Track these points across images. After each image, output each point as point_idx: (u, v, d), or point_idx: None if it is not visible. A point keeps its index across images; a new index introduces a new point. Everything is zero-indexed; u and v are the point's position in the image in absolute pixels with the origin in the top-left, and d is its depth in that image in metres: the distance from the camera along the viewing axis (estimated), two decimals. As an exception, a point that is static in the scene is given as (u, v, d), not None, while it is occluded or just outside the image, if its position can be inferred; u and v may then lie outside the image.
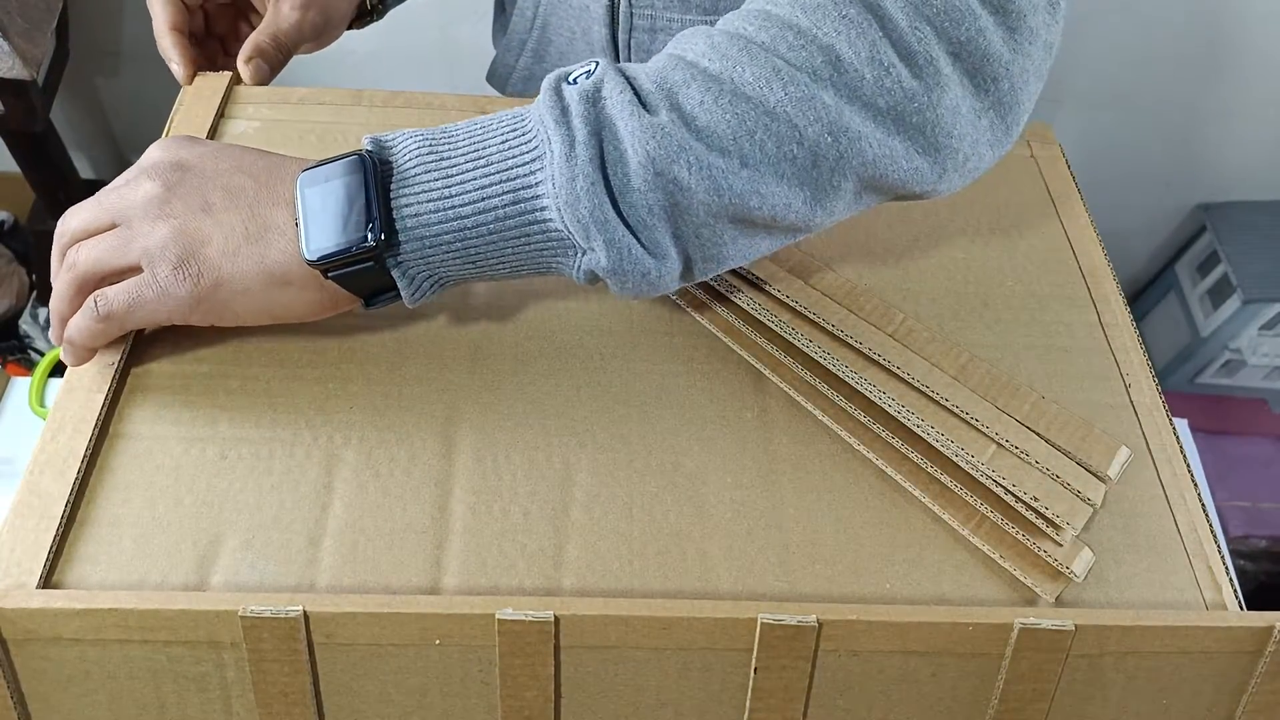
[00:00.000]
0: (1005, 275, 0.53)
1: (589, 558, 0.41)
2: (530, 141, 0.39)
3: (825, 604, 0.38)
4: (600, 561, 0.41)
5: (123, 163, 1.70)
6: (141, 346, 0.46)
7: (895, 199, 0.44)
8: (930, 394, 0.44)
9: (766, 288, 0.48)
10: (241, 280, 0.41)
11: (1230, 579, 0.43)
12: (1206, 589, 0.42)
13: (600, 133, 0.38)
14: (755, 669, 0.38)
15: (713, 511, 0.43)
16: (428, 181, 0.39)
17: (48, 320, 1.61)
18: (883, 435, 0.45)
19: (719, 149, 0.38)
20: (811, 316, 0.46)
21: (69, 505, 0.40)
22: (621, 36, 0.66)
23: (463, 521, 0.42)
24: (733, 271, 0.48)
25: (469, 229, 0.39)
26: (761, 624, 0.37)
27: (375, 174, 0.40)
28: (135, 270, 0.41)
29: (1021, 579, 0.41)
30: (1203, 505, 0.45)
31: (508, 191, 0.39)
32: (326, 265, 0.40)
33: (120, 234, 0.42)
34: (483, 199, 0.39)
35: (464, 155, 0.39)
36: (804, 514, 0.43)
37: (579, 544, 0.41)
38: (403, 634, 0.37)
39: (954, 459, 0.43)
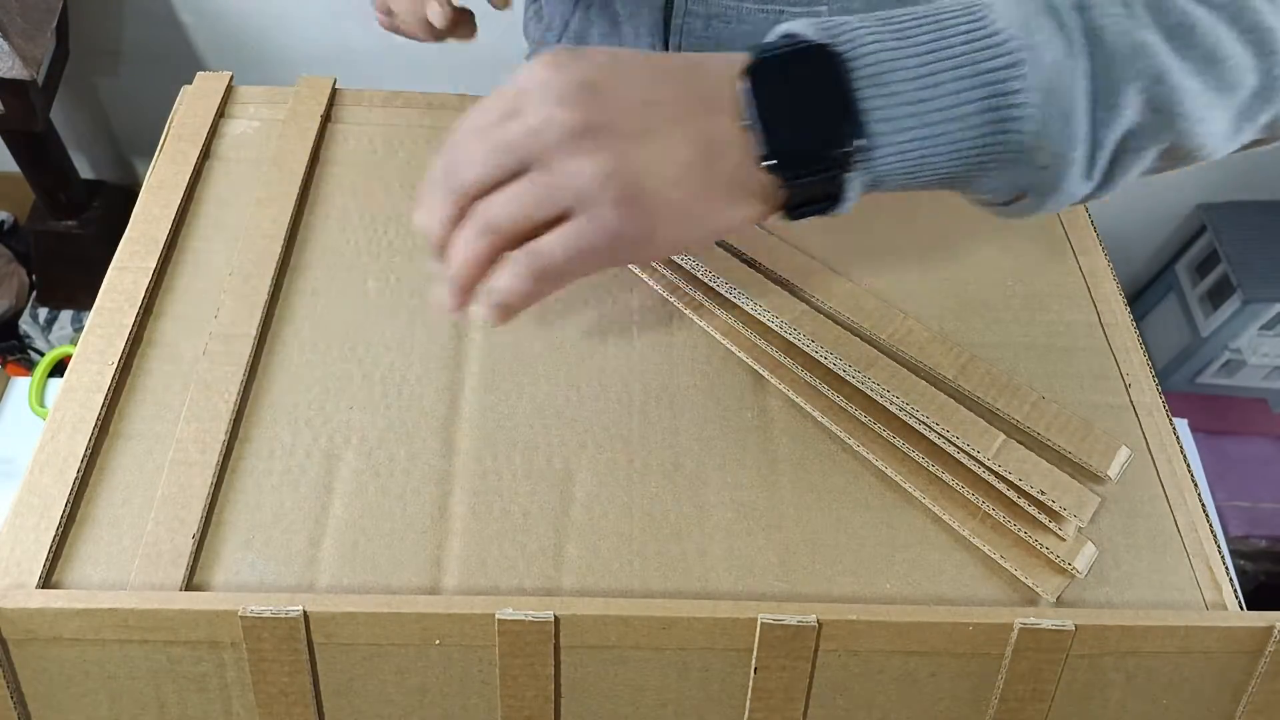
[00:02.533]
0: (1005, 275, 0.53)
1: (589, 558, 0.41)
2: (1004, 45, 0.35)
3: (825, 604, 0.38)
4: (600, 561, 0.41)
5: (123, 163, 1.70)
6: (141, 346, 0.46)
7: (1271, 140, 0.43)
8: (931, 393, 0.44)
9: (768, 291, 0.48)
10: (694, 205, 0.36)
11: (1230, 579, 0.43)
12: (1206, 589, 0.42)
13: (1088, 42, 0.36)
14: (755, 669, 0.38)
15: (713, 511, 0.43)
16: (899, 83, 0.35)
17: (48, 320, 1.61)
18: (884, 435, 0.45)
19: (1193, 72, 0.37)
20: (812, 317, 0.46)
21: (69, 505, 0.40)
22: (675, 21, 0.65)
23: (463, 521, 0.41)
24: (732, 274, 0.48)
25: (936, 135, 0.36)
26: (761, 624, 0.37)
27: (849, 71, 0.35)
28: (560, 216, 0.36)
29: (1022, 579, 0.41)
30: (1203, 505, 0.45)
31: (982, 98, 0.35)
32: (790, 175, 0.35)
33: (539, 180, 0.35)
34: (955, 104, 0.35)
35: (928, 53, 0.36)
36: (804, 514, 0.43)
37: (579, 544, 0.41)
38: (403, 634, 0.37)
39: (958, 456, 0.43)
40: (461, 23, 0.55)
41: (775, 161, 0.35)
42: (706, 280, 0.50)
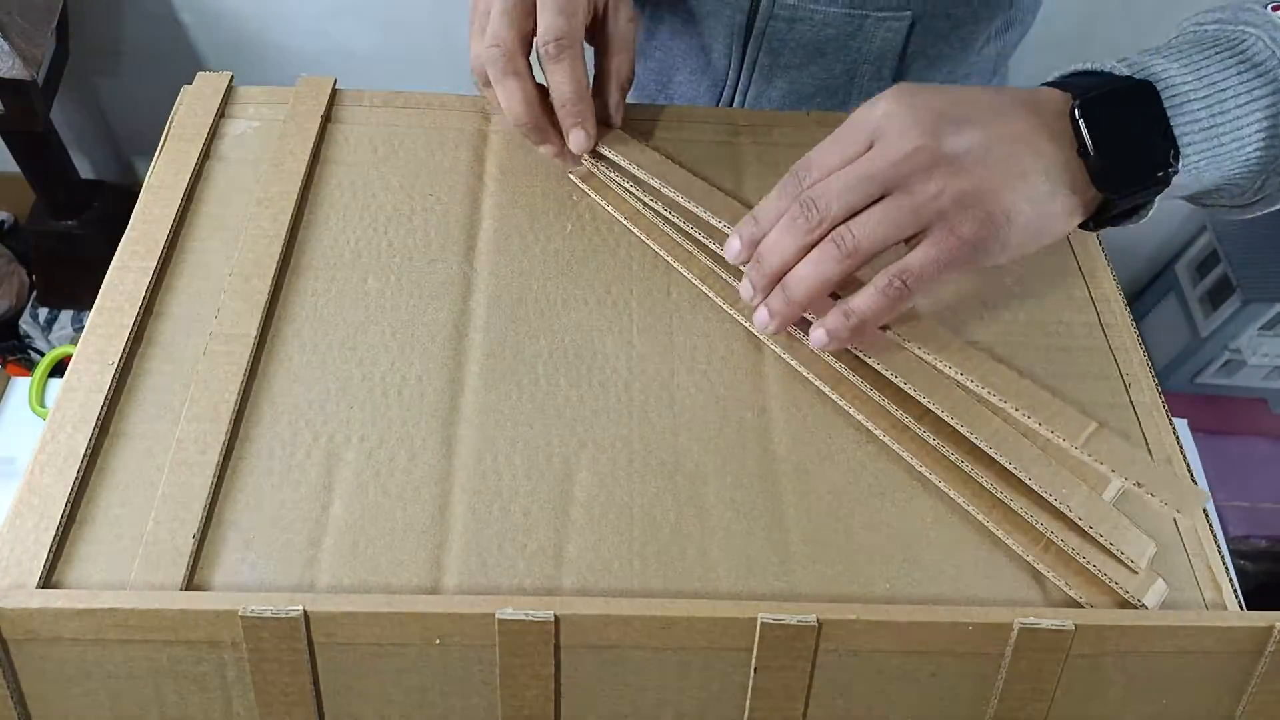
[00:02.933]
0: (1005, 275, 0.53)
1: (589, 558, 0.41)
2: (1269, 74, 0.42)
3: (825, 604, 0.38)
4: (600, 561, 0.41)
5: (123, 163, 1.70)
6: (141, 346, 0.46)
7: None
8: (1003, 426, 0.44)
9: None
10: (1041, 219, 0.42)
11: (1230, 579, 0.43)
12: (1206, 589, 0.42)
13: None
14: (755, 669, 0.38)
15: (713, 511, 0.43)
16: (1195, 110, 0.42)
17: (48, 320, 1.61)
18: (935, 445, 0.45)
19: None
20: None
21: (69, 505, 0.40)
22: (758, 25, 0.66)
23: (463, 521, 0.42)
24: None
25: (1222, 154, 0.42)
26: (761, 624, 0.37)
27: (1159, 102, 0.41)
28: (916, 237, 0.42)
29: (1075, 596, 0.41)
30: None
31: (1257, 120, 0.42)
32: (1122, 190, 0.42)
33: (900, 203, 0.41)
34: (1239, 128, 0.42)
35: (1214, 85, 0.42)
36: (804, 514, 0.43)
37: (579, 544, 0.41)
38: (403, 634, 0.37)
39: (1042, 493, 0.42)
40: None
41: (1109, 184, 0.42)
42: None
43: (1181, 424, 1.07)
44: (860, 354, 0.46)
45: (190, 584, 0.39)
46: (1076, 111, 0.41)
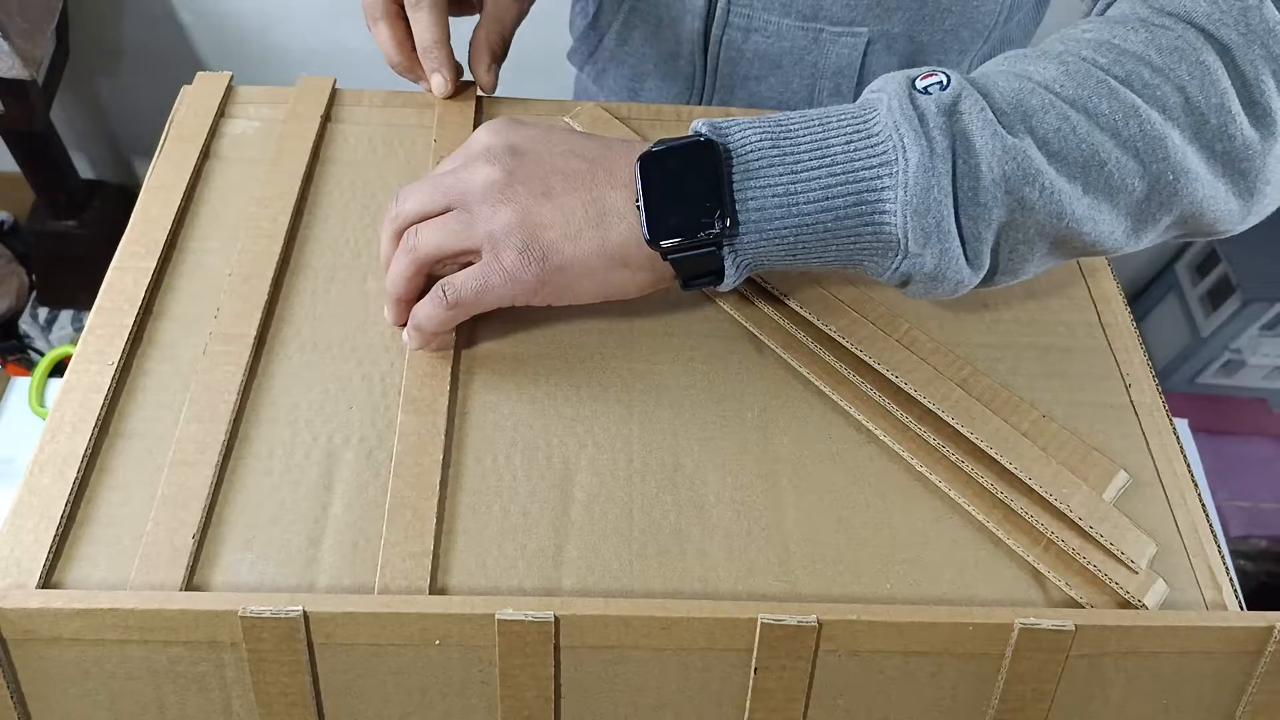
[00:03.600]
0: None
1: (589, 558, 0.41)
2: (878, 146, 0.39)
3: (825, 604, 0.38)
4: (600, 561, 0.41)
5: (123, 163, 1.70)
6: (141, 346, 0.46)
7: (1192, 236, 0.45)
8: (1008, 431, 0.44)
9: (787, 300, 0.48)
10: (584, 263, 0.42)
11: (1230, 579, 0.43)
12: (1206, 589, 0.42)
13: (954, 146, 0.39)
14: (755, 669, 0.38)
15: (713, 511, 0.43)
16: (773, 176, 0.40)
17: (48, 320, 1.61)
18: (928, 439, 0.45)
19: (1067, 175, 0.40)
20: (832, 333, 0.47)
21: (69, 505, 0.40)
22: (715, 32, 0.67)
23: (463, 521, 0.42)
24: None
25: (807, 225, 0.40)
26: (761, 624, 0.37)
27: (725, 162, 0.40)
28: (474, 253, 0.43)
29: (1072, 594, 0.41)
30: (1203, 505, 0.45)
31: (852, 193, 0.39)
32: (668, 248, 0.41)
33: (460, 217, 0.43)
34: (826, 198, 0.40)
35: (807, 152, 0.40)
36: (804, 514, 0.43)
37: (579, 544, 0.41)
38: (403, 634, 0.37)
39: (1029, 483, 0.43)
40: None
41: (654, 238, 0.41)
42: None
43: (1181, 424, 1.07)
44: (860, 354, 0.46)
45: (190, 584, 0.39)
46: (637, 162, 0.41)
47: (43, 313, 1.61)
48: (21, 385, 0.96)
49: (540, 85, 0.81)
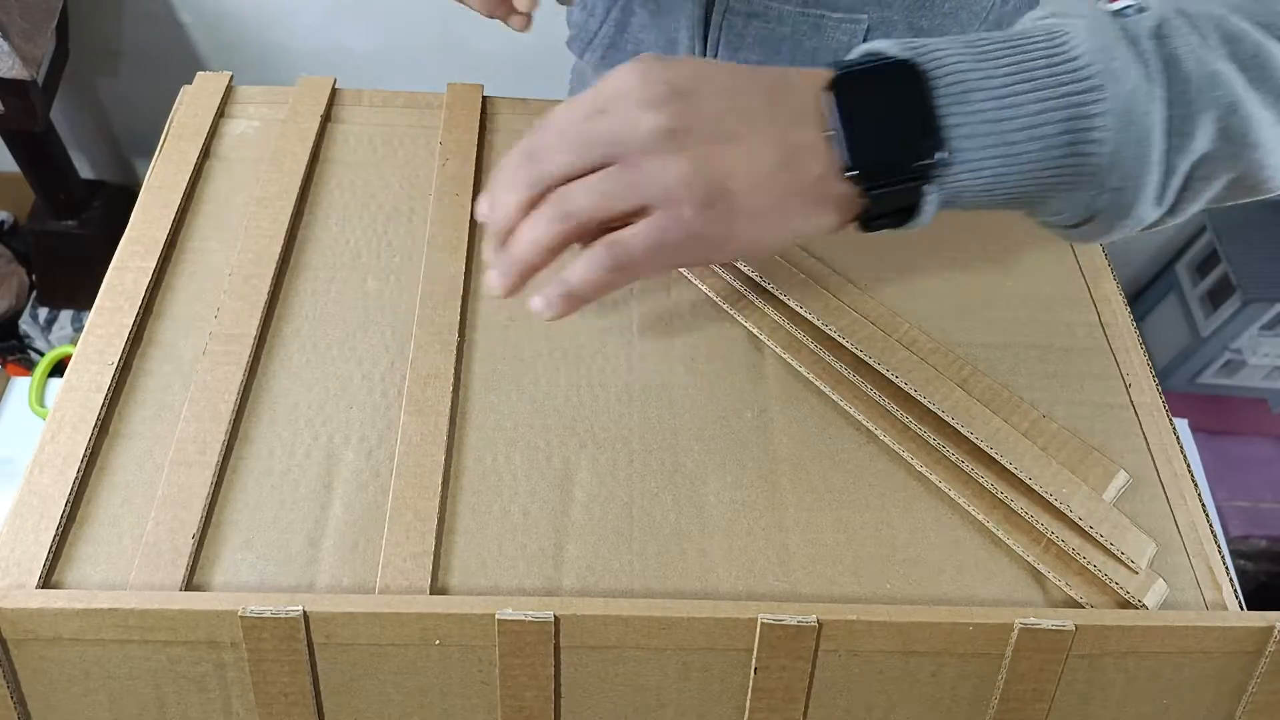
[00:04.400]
0: (1005, 275, 0.53)
1: (589, 558, 0.41)
2: (1083, 70, 0.36)
3: (825, 604, 0.38)
4: (600, 561, 0.41)
5: (123, 163, 1.70)
6: (141, 346, 0.46)
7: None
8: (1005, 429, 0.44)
9: (786, 300, 0.48)
10: (776, 211, 0.37)
11: (1230, 579, 0.43)
12: (1206, 589, 0.42)
13: (1166, 70, 0.37)
14: (755, 669, 0.38)
15: (713, 511, 0.43)
16: (979, 101, 0.36)
17: (48, 320, 1.61)
18: (944, 450, 0.45)
19: (1264, 103, 0.38)
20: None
21: (69, 505, 0.40)
22: (715, 18, 0.66)
23: (463, 521, 0.41)
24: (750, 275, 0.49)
25: (1014, 155, 0.37)
26: (761, 624, 0.37)
27: (932, 87, 0.36)
28: (637, 214, 0.37)
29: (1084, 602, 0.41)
30: (1203, 505, 0.45)
31: (1061, 119, 0.36)
32: (873, 184, 0.37)
33: (621, 175, 0.37)
34: (1035, 124, 0.36)
35: (1010, 75, 0.37)
36: (804, 514, 0.43)
37: (579, 544, 0.41)
38: (403, 634, 0.37)
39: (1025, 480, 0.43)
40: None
41: (857, 172, 0.36)
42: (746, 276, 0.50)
43: (1181, 424, 1.07)
44: (861, 354, 0.46)
45: (190, 584, 0.39)
46: (826, 88, 0.37)
47: (43, 313, 1.61)
48: (21, 385, 0.96)
49: (541, 85, 0.81)
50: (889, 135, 0.36)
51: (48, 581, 0.38)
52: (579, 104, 0.39)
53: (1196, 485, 0.46)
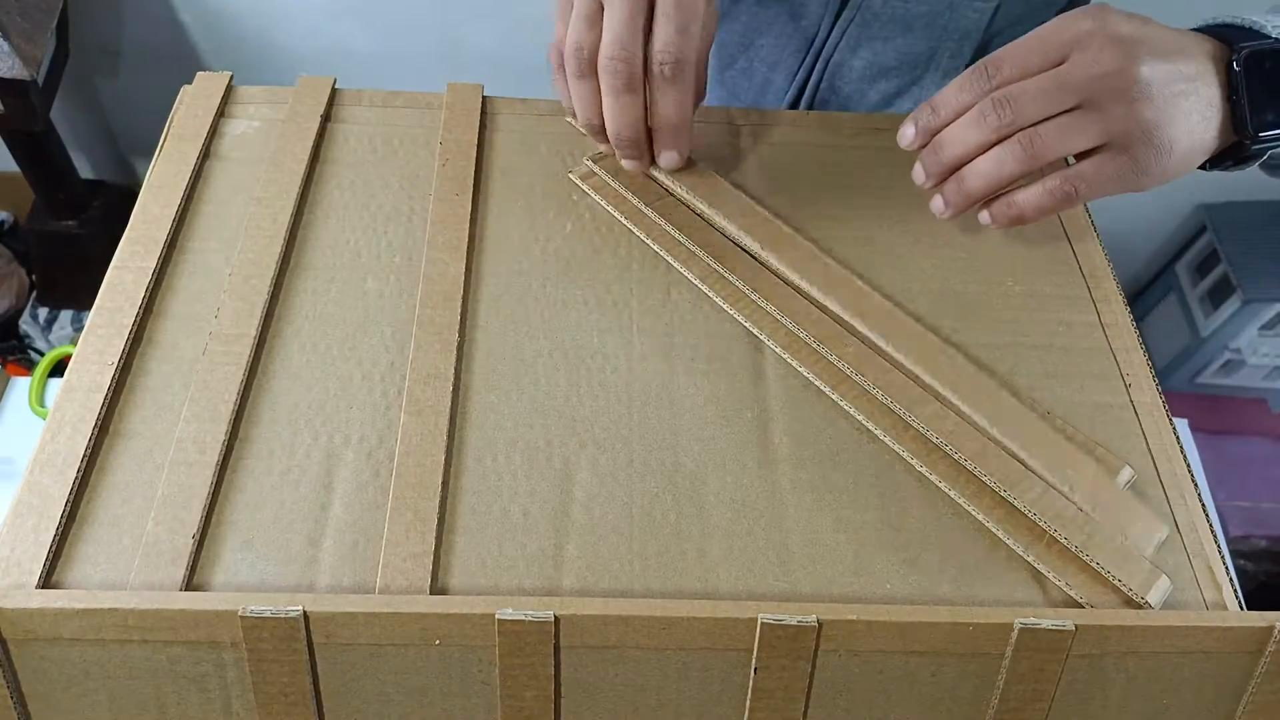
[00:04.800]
0: (1005, 275, 0.53)
1: (589, 558, 0.41)
2: None
3: (825, 604, 0.38)
4: (600, 561, 0.41)
5: (123, 163, 1.70)
6: (141, 346, 0.46)
7: None
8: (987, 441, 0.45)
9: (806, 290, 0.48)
10: (1192, 157, 0.45)
11: (1230, 579, 0.43)
12: (1206, 589, 0.42)
13: None
14: (755, 669, 0.38)
15: (713, 511, 0.43)
16: None
17: (48, 320, 1.61)
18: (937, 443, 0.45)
19: None
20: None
21: (69, 505, 0.40)
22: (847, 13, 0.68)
23: (463, 521, 0.42)
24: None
25: None
26: (761, 624, 0.37)
27: None
28: (1094, 149, 0.45)
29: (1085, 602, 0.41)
30: (1203, 505, 0.45)
31: None
32: (1267, 138, 0.45)
33: (1089, 116, 0.44)
34: None
35: None
36: (804, 514, 0.43)
37: (579, 544, 0.41)
38: (403, 634, 0.37)
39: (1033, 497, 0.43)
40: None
41: (1250, 130, 0.45)
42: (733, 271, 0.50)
43: (1181, 424, 1.07)
44: (871, 334, 0.46)
45: (190, 584, 0.39)
46: (1236, 64, 0.44)
47: (43, 313, 1.61)
48: (21, 385, 0.96)
49: (541, 85, 0.81)
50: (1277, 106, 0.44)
51: (48, 581, 0.38)
52: (1038, 48, 0.45)
53: (1196, 485, 0.46)
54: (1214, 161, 0.47)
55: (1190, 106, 0.44)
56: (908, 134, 0.48)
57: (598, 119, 0.49)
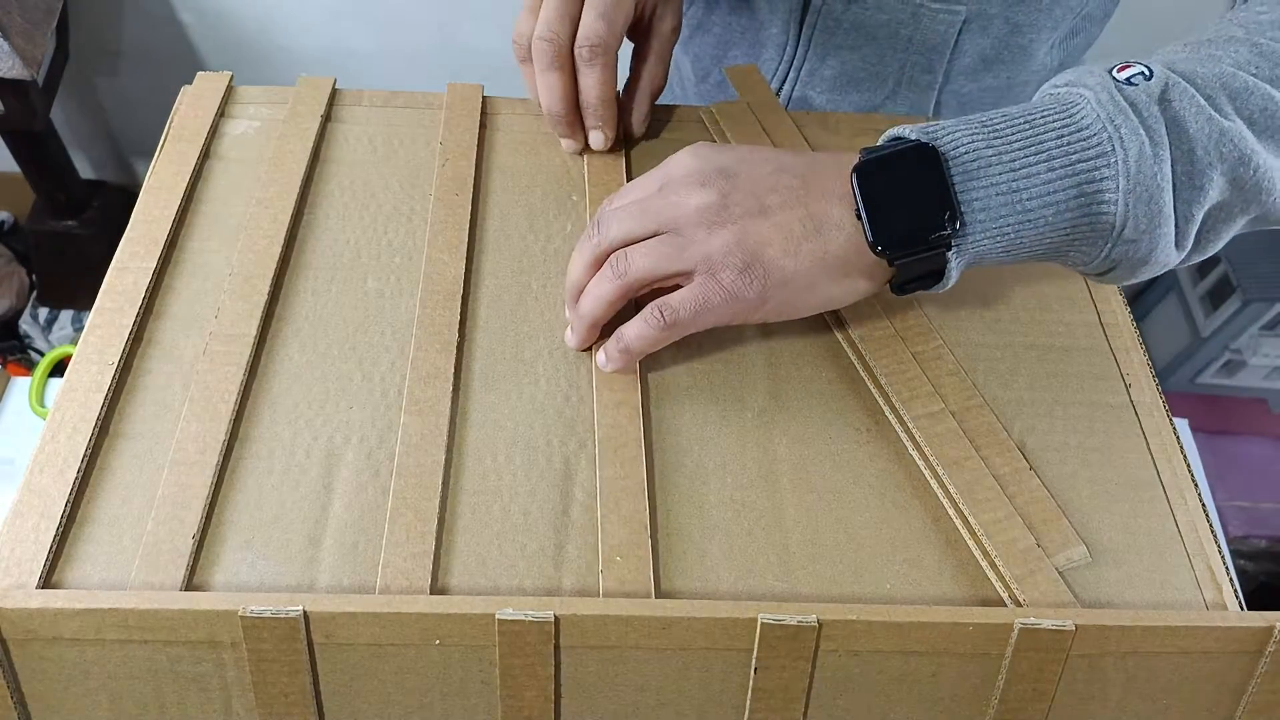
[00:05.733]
0: (1005, 275, 0.53)
1: (589, 558, 0.41)
2: (1092, 138, 0.40)
3: (825, 604, 0.38)
4: (601, 561, 0.41)
5: (123, 163, 1.70)
6: (141, 346, 0.46)
7: None
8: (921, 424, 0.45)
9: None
10: (805, 276, 0.43)
11: (1230, 579, 0.43)
12: (1206, 589, 0.42)
13: (1169, 133, 0.40)
14: (755, 669, 0.38)
15: (713, 511, 0.43)
16: (994, 175, 0.40)
17: (48, 320, 1.61)
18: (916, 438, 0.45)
19: (1276, 153, 0.41)
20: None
21: (69, 505, 0.40)
22: (815, 1, 0.67)
23: (463, 521, 0.42)
24: None
25: (1030, 221, 0.41)
26: (761, 624, 0.37)
27: (947, 166, 0.40)
28: (685, 276, 0.43)
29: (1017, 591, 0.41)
30: (1203, 505, 0.45)
31: (1073, 186, 0.40)
32: (896, 254, 0.41)
33: (673, 241, 0.43)
34: (1048, 193, 0.40)
35: (1022, 150, 0.40)
36: (804, 514, 0.43)
37: (579, 544, 0.41)
38: (403, 634, 0.37)
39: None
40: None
41: (881, 246, 0.41)
42: None
43: (1181, 424, 1.07)
44: (864, 353, 0.46)
45: (190, 584, 0.39)
46: (853, 173, 0.42)
47: (43, 313, 1.61)
48: (21, 385, 0.96)
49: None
50: (906, 211, 0.41)
51: (48, 581, 0.38)
52: (641, 181, 0.46)
53: (1196, 485, 0.46)
54: (901, 285, 0.43)
55: (790, 228, 0.42)
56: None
57: (538, 98, 0.55)
